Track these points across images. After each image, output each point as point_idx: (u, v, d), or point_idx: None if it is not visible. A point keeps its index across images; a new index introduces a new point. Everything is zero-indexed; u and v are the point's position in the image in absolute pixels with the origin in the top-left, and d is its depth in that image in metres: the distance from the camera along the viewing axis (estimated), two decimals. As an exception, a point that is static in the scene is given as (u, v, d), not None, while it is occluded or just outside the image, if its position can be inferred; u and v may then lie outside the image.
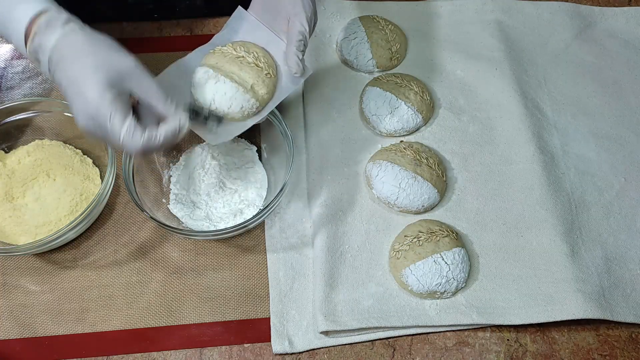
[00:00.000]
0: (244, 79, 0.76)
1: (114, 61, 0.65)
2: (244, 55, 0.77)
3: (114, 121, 0.63)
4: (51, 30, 0.65)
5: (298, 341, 0.76)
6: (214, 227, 0.82)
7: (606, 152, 0.92)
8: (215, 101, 0.75)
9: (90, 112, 0.63)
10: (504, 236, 0.83)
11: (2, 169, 0.85)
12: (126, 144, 0.64)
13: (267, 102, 0.78)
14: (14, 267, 0.81)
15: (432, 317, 0.77)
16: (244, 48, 0.77)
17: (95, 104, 0.63)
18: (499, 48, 1.00)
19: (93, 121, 0.64)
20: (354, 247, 0.82)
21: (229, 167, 0.86)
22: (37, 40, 0.65)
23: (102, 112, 0.63)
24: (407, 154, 0.85)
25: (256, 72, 0.76)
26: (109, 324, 0.78)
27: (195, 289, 0.80)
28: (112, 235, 0.84)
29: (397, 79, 0.92)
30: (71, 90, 0.64)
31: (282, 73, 0.79)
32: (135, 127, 0.64)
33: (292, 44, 0.74)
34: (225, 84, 0.75)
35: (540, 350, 0.77)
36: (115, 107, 0.63)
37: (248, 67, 0.76)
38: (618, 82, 0.99)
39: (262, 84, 0.76)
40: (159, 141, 0.65)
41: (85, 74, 0.63)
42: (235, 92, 0.75)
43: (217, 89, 0.75)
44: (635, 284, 0.81)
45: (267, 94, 0.77)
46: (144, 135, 0.64)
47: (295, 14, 0.74)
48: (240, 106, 0.75)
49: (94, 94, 0.63)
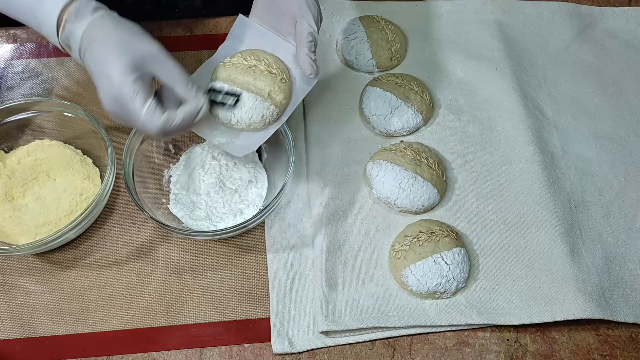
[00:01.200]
0: (260, 87, 0.76)
1: (138, 45, 0.68)
2: (255, 64, 0.77)
3: (135, 101, 0.66)
4: (81, 17, 0.68)
5: (298, 341, 0.76)
6: (214, 227, 0.82)
7: (606, 152, 0.92)
8: (235, 114, 0.76)
9: (114, 93, 0.67)
10: (504, 236, 0.83)
11: (2, 169, 0.85)
12: (146, 123, 0.67)
13: (285, 106, 0.78)
14: (14, 267, 0.81)
15: (432, 317, 0.77)
16: (254, 56, 0.77)
17: (119, 84, 0.66)
18: (499, 48, 1.00)
19: (116, 102, 0.67)
20: (354, 247, 0.82)
21: (229, 167, 0.86)
22: (68, 28, 0.68)
23: (125, 93, 0.66)
24: (407, 154, 0.85)
25: (271, 79, 0.76)
26: (109, 324, 0.78)
27: (195, 289, 0.80)
28: (112, 235, 0.84)
29: (397, 79, 0.92)
30: (97, 72, 0.68)
31: (295, 76, 0.79)
32: (155, 107, 0.67)
33: (303, 45, 0.74)
34: (243, 96, 0.75)
35: (540, 350, 0.77)
36: (138, 88, 0.66)
37: (262, 75, 0.76)
38: (618, 82, 0.99)
39: (278, 90, 0.76)
40: (178, 121, 0.69)
41: (110, 56, 0.67)
42: (254, 102, 0.75)
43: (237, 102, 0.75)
44: (635, 284, 0.81)
45: (284, 99, 0.77)
46: (163, 115, 0.67)
47: (302, 15, 0.74)
48: (261, 115, 0.76)
49: (118, 75, 0.66)
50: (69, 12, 0.68)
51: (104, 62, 0.67)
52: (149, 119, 0.67)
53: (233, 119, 0.76)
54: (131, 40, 0.68)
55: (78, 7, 0.68)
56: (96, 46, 0.67)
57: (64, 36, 0.69)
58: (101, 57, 0.67)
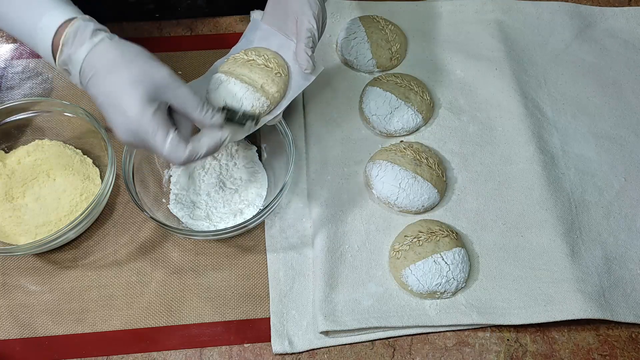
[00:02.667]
0: (254, 79, 0.76)
1: (149, 74, 0.64)
2: (254, 59, 0.78)
3: (157, 136, 0.64)
4: (80, 41, 0.64)
5: (298, 341, 0.76)
6: (214, 227, 0.82)
7: (606, 152, 0.92)
8: (227, 102, 0.76)
9: (132, 128, 0.64)
10: (504, 236, 0.83)
11: (2, 169, 0.85)
12: (169, 156, 0.65)
13: (279, 100, 0.78)
14: (14, 267, 0.81)
15: (432, 317, 0.77)
16: (255, 52, 0.79)
17: (137, 120, 0.63)
18: (499, 48, 1.00)
19: (135, 136, 0.65)
20: (354, 247, 0.82)
21: (229, 167, 0.86)
22: (66, 52, 0.65)
23: (144, 129, 0.63)
24: (407, 154, 0.85)
25: (266, 72, 0.77)
26: (109, 324, 0.78)
27: (195, 289, 0.80)
28: (112, 235, 0.84)
29: (397, 79, 0.92)
30: (109, 105, 0.64)
31: (293, 72, 0.79)
32: (178, 141, 0.65)
33: (301, 41, 0.75)
34: (235, 85, 0.76)
35: (540, 350, 0.77)
36: (158, 123, 0.64)
37: (258, 68, 0.77)
38: (618, 82, 0.99)
39: (271, 83, 0.77)
40: (202, 154, 0.67)
41: (122, 89, 0.63)
42: (245, 92, 0.76)
43: (228, 90, 0.76)
44: (635, 284, 0.81)
45: (277, 92, 0.77)
46: (187, 148, 0.65)
47: (303, 12, 0.75)
48: (250, 105, 0.76)
49: (135, 110, 0.63)
50: (65, 34, 0.64)
51: (115, 95, 0.63)
52: (173, 152, 0.65)
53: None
54: (141, 68, 0.64)
55: (76, 28, 0.64)
56: (102, 77, 0.64)
57: (62, 61, 0.66)
58: (111, 89, 0.64)
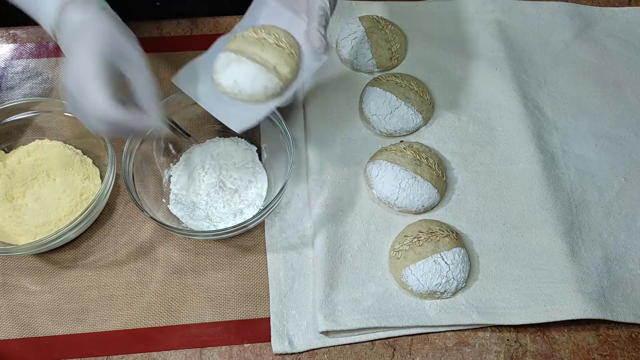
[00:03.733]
0: (266, 59, 0.75)
1: (123, 43, 0.66)
2: (265, 37, 0.76)
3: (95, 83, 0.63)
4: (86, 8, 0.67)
5: (298, 341, 0.76)
6: (214, 227, 0.82)
7: (606, 152, 0.92)
8: (238, 83, 0.75)
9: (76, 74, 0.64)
10: (504, 236, 0.83)
11: (2, 169, 0.85)
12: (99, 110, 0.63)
13: (291, 82, 0.77)
14: (14, 267, 0.81)
15: (432, 317, 0.77)
16: (265, 30, 0.77)
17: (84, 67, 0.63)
18: (499, 48, 1.00)
19: (77, 83, 0.64)
20: (354, 247, 0.82)
21: (229, 167, 0.86)
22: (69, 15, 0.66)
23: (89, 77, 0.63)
24: (407, 154, 0.85)
25: (278, 52, 0.75)
26: (109, 324, 0.78)
27: (195, 289, 0.80)
28: (112, 235, 0.84)
29: (397, 79, 0.92)
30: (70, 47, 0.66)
31: (304, 53, 0.77)
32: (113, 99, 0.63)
33: (313, 19, 0.73)
34: (248, 65, 0.74)
35: (540, 350, 0.77)
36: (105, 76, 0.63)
37: (270, 47, 0.75)
38: (618, 82, 0.99)
39: (284, 64, 0.75)
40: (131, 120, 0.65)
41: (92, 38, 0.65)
42: (257, 72, 0.74)
43: (240, 70, 0.75)
44: (635, 284, 0.81)
45: (290, 73, 0.76)
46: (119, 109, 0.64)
47: None
48: (263, 86, 0.75)
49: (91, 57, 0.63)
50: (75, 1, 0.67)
51: (83, 41, 0.64)
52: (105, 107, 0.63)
53: (235, 87, 0.75)
54: (120, 36, 0.66)
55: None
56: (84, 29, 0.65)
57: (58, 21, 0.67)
58: (82, 36, 0.65)
